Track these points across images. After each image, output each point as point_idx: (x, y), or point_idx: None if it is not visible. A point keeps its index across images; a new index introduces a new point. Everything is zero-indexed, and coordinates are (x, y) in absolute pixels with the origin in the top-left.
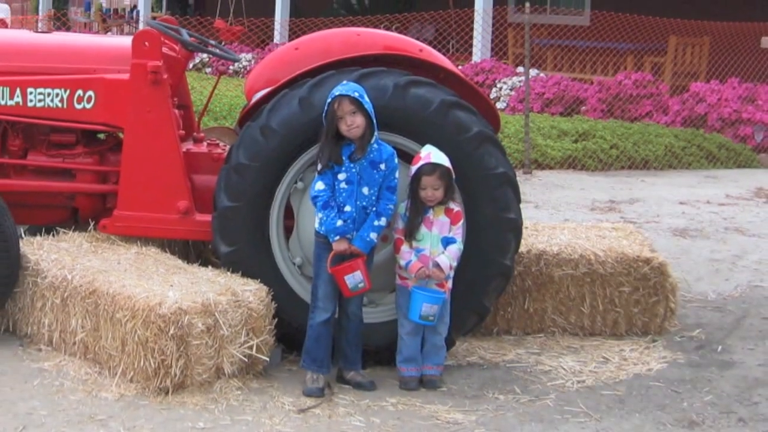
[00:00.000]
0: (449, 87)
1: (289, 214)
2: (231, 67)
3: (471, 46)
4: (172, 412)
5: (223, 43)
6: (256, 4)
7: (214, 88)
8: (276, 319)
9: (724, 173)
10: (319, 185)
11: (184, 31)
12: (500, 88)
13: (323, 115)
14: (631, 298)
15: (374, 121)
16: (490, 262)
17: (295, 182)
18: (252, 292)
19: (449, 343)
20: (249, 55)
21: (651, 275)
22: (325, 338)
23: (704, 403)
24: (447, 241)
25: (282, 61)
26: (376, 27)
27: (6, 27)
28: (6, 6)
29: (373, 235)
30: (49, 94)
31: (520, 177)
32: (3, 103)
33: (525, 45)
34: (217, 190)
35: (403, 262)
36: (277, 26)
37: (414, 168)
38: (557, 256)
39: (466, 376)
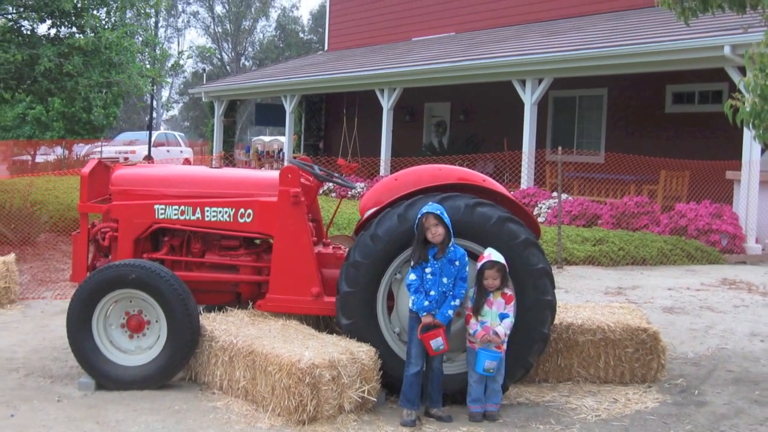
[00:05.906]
0: (504, 206)
1: (390, 297)
2: (349, 193)
3: (520, 177)
4: None
5: (343, 176)
6: (367, 147)
7: (338, 207)
8: (381, 371)
9: (700, 268)
10: (412, 276)
11: (316, 167)
12: (540, 207)
13: (415, 226)
14: (633, 357)
15: (451, 230)
16: (533, 331)
17: (395, 274)
18: (364, 352)
19: (504, 388)
20: (362, 184)
21: (647, 340)
22: (416, 385)
23: (686, 431)
24: (503, 316)
25: (386, 188)
26: (452, 164)
27: (190, 164)
28: (190, 149)
29: (451, 312)
30: (220, 212)
31: (555, 270)
32: (188, 218)
33: (558, 177)
34: (340, 280)
35: (471, 331)
36: (382, 163)
37: (479, 264)
38: (581, 327)
39: (516, 412)
